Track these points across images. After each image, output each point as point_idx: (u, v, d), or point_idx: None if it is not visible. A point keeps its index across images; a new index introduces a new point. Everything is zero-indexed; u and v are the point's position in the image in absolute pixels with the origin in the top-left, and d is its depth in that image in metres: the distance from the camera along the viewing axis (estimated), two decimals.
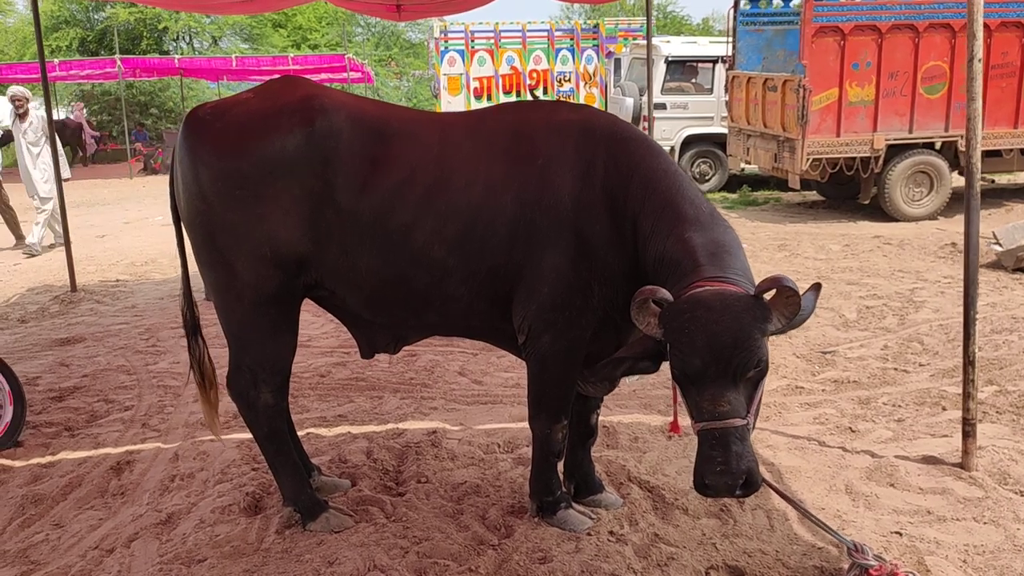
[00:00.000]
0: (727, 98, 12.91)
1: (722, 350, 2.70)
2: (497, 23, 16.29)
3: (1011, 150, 11.47)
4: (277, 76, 3.76)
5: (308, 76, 24.99)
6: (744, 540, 3.64)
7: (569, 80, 16.40)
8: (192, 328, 3.85)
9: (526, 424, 4.77)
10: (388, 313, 3.58)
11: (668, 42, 14.49)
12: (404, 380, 5.64)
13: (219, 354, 3.90)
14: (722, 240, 3.10)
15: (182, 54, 30.09)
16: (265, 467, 4.30)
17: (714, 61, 14.01)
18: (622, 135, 3.43)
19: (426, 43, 37.91)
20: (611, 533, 3.69)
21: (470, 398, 5.30)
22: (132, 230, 13.13)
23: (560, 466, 3.85)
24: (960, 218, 11.20)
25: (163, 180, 19.96)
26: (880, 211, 11.40)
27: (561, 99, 16.48)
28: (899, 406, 4.94)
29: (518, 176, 3.34)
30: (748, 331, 2.71)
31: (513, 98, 16.41)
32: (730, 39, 12.65)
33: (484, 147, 3.42)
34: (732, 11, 12.49)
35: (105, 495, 4.16)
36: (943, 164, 11.24)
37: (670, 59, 13.83)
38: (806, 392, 5.29)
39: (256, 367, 3.56)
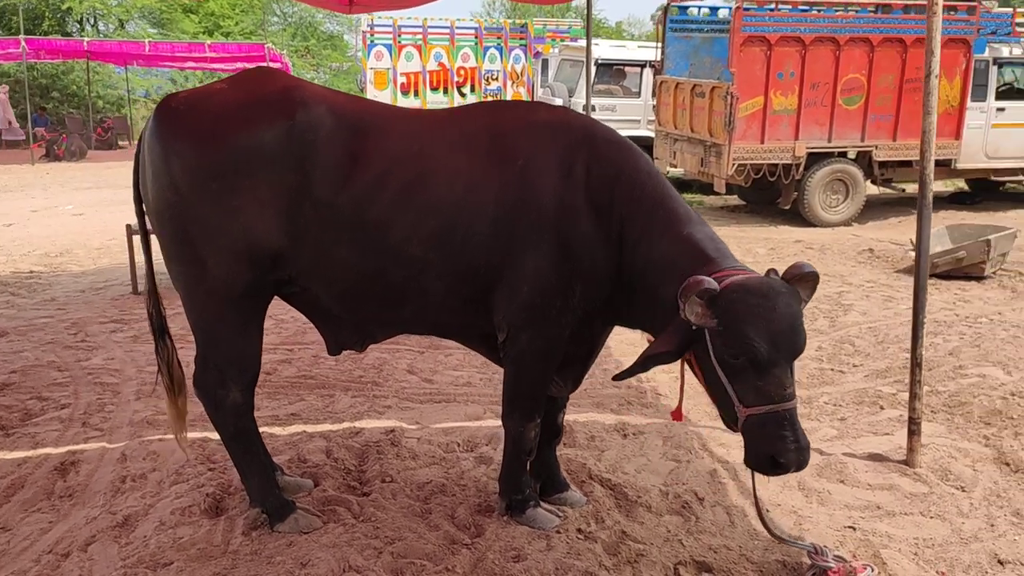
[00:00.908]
0: (655, 102, 13.15)
1: (787, 334, 2.91)
2: (425, 19, 16.20)
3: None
4: (253, 67, 3.66)
5: (225, 65, 24.57)
6: (708, 536, 3.73)
7: (496, 79, 16.44)
8: (159, 328, 3.73)
9: (482, 422, 4.86)
10: (361, 309, 3.55)
11: (597, 45, 14.64)
12: (354, 378, 5.57)
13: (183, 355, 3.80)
14: (716, 235, 3.31)
15: (86, 36, 28.96)
16: (222, 467, 4.23)
17: (642, 65, 14.25)
18: (603, 137, 3.48)
19: (342, 35, 37.70)
20: (579, 531, 3.73)
21: (423, 396, 5.27)
22: (41, 219, 12.58)
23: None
24: (872, 224, 11.80)
25: (67, 168, 19.26)
26: (799, 216, 11.79)
27: (489, 98, 16.51)
28: (840, 405, 5.13)
29: (499, 176, 3.35)
30: (800, 315, 2.97)
31: (440, 95, 16.38)
32: (659, 44, 12.88)
33: (464, 145, 3.41)
34: (662, 17, 12.72)
35: (52, 497, 3.99)
36: (859, 172, 11.71)
37: (599, 62, 14.00)
38: None
39: (225, 365, 3.48)
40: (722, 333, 2.95)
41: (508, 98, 16.28)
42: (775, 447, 2.97)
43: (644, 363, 3.16)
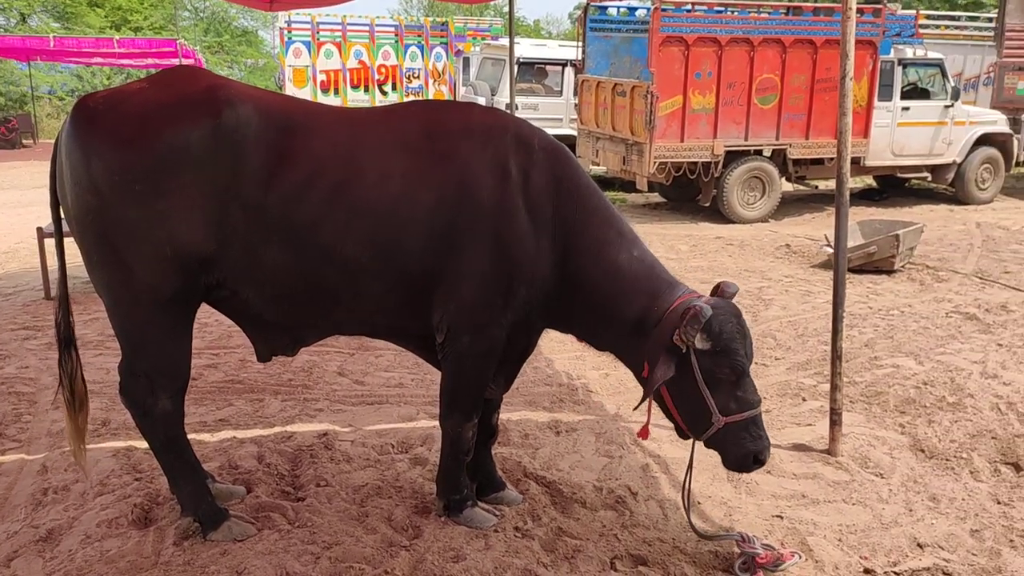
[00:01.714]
0: (576, 101, 13.27)
1: (751, 345, 3.43)
2: (345, 16, 16.01)
3: (832, 158, 12.40)
4: (175, 66, 3.57)
5: (134, 61, 23.82)
6: (642, 530, 3.80)
7: (418, 77, 16.37)
8: (67, 339, 3.59)
9: (416, 424, 4.85)
10: (293, 313, 3.49)
11: (519, 44, 14.69)
12: (283, 382, 5.49)
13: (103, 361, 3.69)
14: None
15: None
16: (148, 476, 4.13)
17: (564, 64, 14.37)
18: (541, 142, 3.51)
19: (256, 31, 36.97)
20: (516, 529, 3.76)
21: (355, 399, 5.23)
22: None
23: None
24: (788, 220, 12.15)
25: None
26: (718, 213, 12.05)
27: (411, 96, 16.42)
28: (764, 398, 5.24)
29: (435, 176, 3.34)
30: None
31: (362, 93, 16.22)
32: (580, 44, 13.00)
33: (398, 145, 3.39)
34: (582, 17, 12.84)
35: None
36: (774, 170, 12.03)
37: (521, 60, 14.05)
38: None
39: (153, 373, 3.38)
40: (713, 353, 3.28)
41: (430, 96, 16.22)
42: (757, 446, 3.38)
43: (653, 389, 3.37)
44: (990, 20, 17.58)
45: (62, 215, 3.45)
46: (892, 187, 14.19)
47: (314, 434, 4.63)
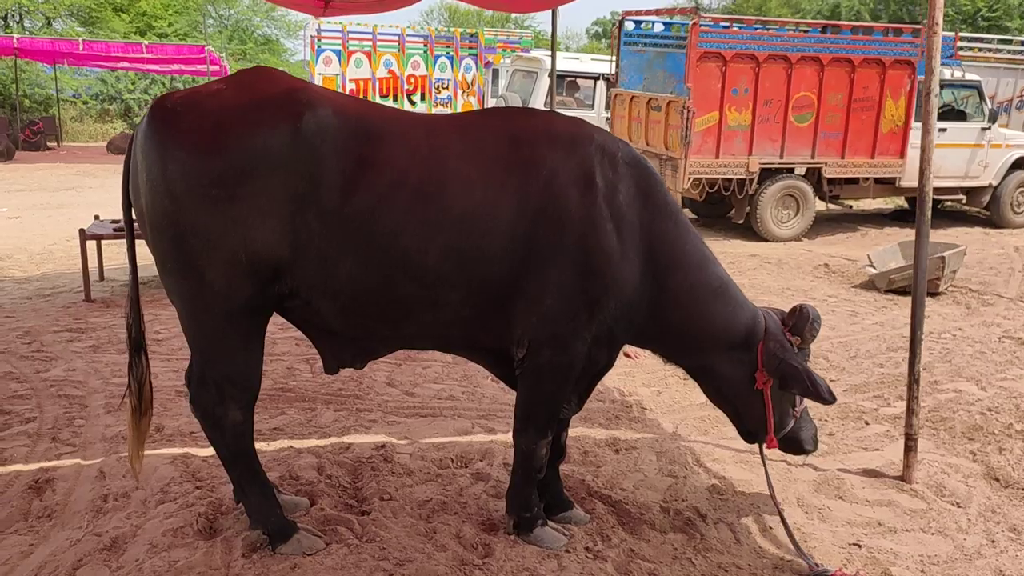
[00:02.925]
0: (608, 115, 13.21)
1: None
2: (376, 25, 16.01)
3: (867, 178, 12.30)
4: (250, 67, 3.50)
5: (160, 67, 23.91)
6: (716, 555, 3.70)
7: (447, 87, 16.34)
8: (137, 344, 3.51)
9: (472, 438, 4.77)
10: (366, 324, 3.40)
11: (549, 56, 14.65)
12: (334, 391, 5.41)
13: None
14: None
15: (9, 32, 27.94)
16: (208, 484, 4.06)
17: (596, 78, 14.32)
18: (627, 156, 3.45)
19: (279, 40, 37.07)
20: (587, 550, 3.67)
21: (407, 410, 5.15)
22: None
23: None
24: (822, 239, 12.04)
25: None
26: (750, 231, 11.95)
27: (440, 107, 16.40)
28: (825, 420, 5.17)
29: (520, 185, 3.27)
30: None
31: (390, 102, 16.18)
32: (613, 57, 12.95)
33: (480, 151, 3.31)
34: (616, 31, 12.80)
35: (29, 517, 3.76)
36: (808, 188, 11.93)
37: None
38: None
39: (224, 382, 3.30)
40: (802, 350, 3.76)
41: (459, 107, 16.20)
42: (814, 427, 4.00)
43: (805, 387, 3.63)
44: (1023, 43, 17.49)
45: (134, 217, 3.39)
46: None
47: (371, 446, 4.55)
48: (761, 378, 3.68)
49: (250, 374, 3.35)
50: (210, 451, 4.40)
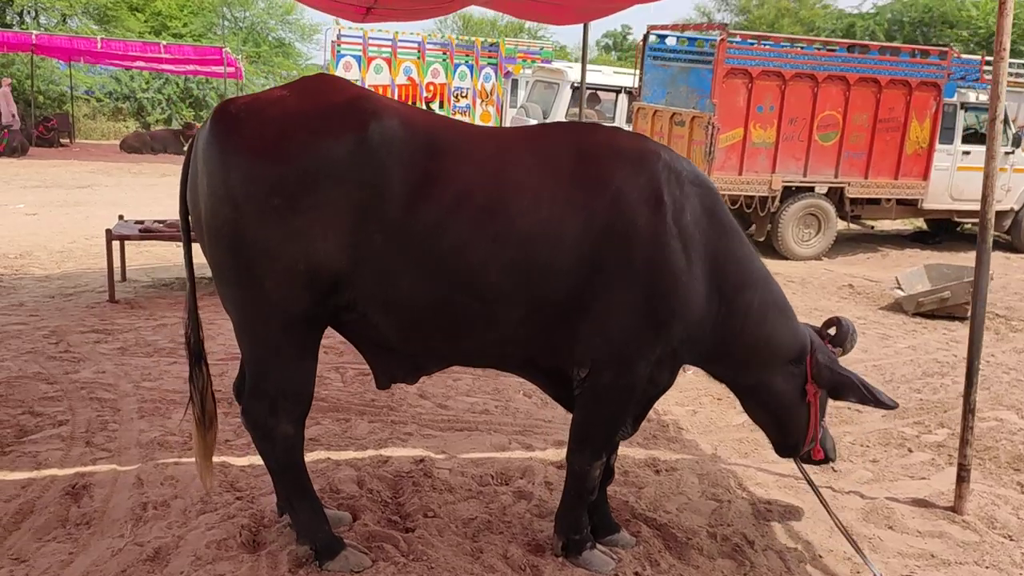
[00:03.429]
0: (630, 128, 13.15)
1: None
2: (396, 32, 15.96)
3: (890, 199, 12.23)
4: (313, 74, 3.44)
5: (176, 67, 23.89)
6: None
7: (466, 96, 16.30)
8: (197, 354, 3.45)
9: (511, 454, 4.69)
10: (422, 340, 3.33)
11: (570, 68, 14.64)
12: (366, 402, 5.34)
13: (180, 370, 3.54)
14: None
15: (25, 28, 27.97)
16: (249, 495, 3.99)
17: (617, 91, 14.27)
18: (691, 174, 3.39)
19: (293, 43, 37.10)
20: (636, 574, 3.59)
21: (442, 424, 5.07)
22: None
23: None
24: (842, 259, 11.95)
25: (9, 164, 18.40)
26: (771, 248, 11.88)
27: (458, 115, 16.35)
28: (867, 446, 5.09)
29: (587, 201, 3.20)
30: None
31: None
32: (637, 71, 12.91)
33: (546, 166, 3.24)
34: (641, 45, 12.76)
35: (67, 525, 3.69)
36: (831, 208, 11.86)
37: (575, 85, 13.97)
38: None
39: (277, 394, 3.23)
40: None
41: (477, 116, 16.17)
42: (834, 442, 4.16)
43: (864, 398, 3.76)
44: None
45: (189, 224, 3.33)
46: (944, 231, 13.98)
47: (410, 460, 4.47)
48: (811, 390, 3.73)
49: (304, 387, 3.28)
50: (247, 460, 4.36)
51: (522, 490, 4.24)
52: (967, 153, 12.52)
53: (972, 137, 12.78)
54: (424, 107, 16.22)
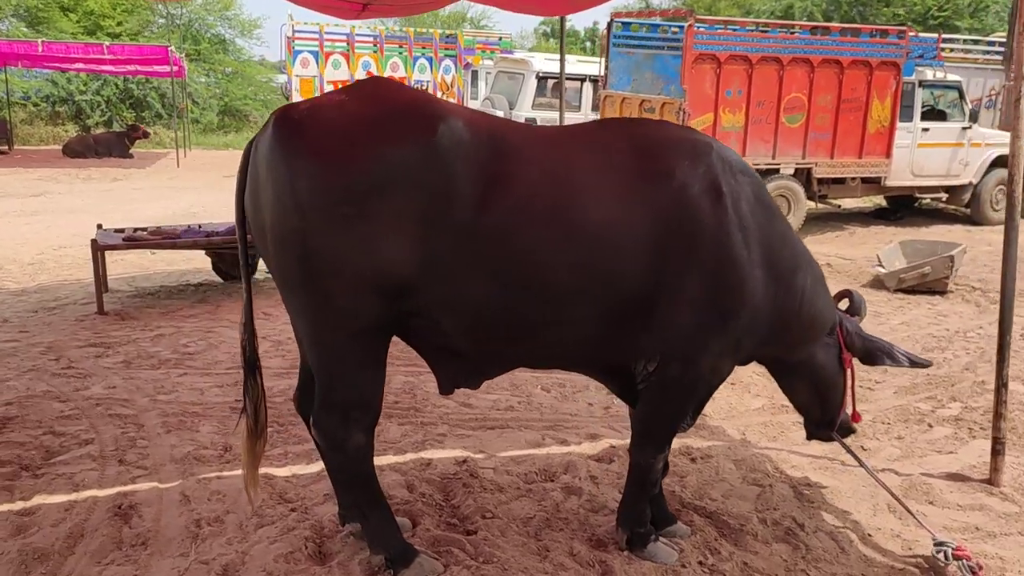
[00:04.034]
0: (598, 116, 13.20)
1: None
2: (353, 27, 15.73)
3: (855, 178, 12.49)
4: (367, 77, 3.38)
5: (117, 68, 23.27)
6: (826, 565, 3.69)
7: (426, 89, 16.15)
8: (251, 364, 3.38)
9: (548, 450, 4.70)
10: (490, 343, 3.30)
11: (533, 58, 14.63)
12: (390, 404, 5.27)
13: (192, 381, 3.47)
14: None
15: None
16: (302, 506, 3.94)
17: (582, 79, 14.30)
18: (738, 162, 3.45)
19: (234, 40, 36.36)
20: (701, 564, 3.63)
21: (472, 423, 5.05)
22: None
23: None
24: (812, 239, 12.15)
25: None
26: None
27: None
28: (887, 423, 5.21)
29: (651, 196, 3.22)
30: None
31: None
32: (602, 59, 12.95)
33: (607, 163, 3.24)
34: (606, 32, 12.80)
35: (123, 546, 3.59)
36: (800, 188, 12.07)
37: (540, 75, 13.99)
38: (790, 411, 5.39)
39: (348, 405, 3.18)
40: None
41: None
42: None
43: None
44: (991, 44, 17.94)
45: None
46: (903, 207, 14.32)
47: (452, 461, 4.45)
48: (847, 358, 3.91)
49: (375, 396, 3.24)
50: (289, 471, 4.31)
51: (569, 486, 4.25)
52: (926, 130, 12.84)
53: (930, 114, 13.10)
54: None
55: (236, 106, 31.69)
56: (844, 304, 4.08)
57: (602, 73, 12.98)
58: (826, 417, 4.03)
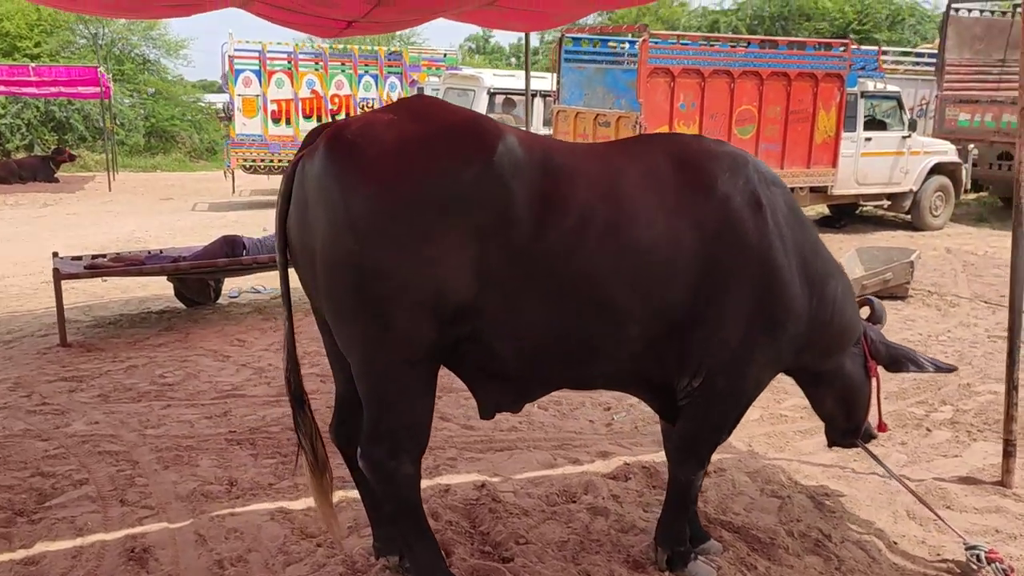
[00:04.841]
0: (551, 131, 13.21)
1: None
2: (297, 44, 15.49)
3: (803, 188, 12.74)
4: (412, 95, 3.28)
5: (40, 90, 22.50)
6: None
7: (372, 107, 15.97)
8: (299, 398, 3.24)
9: (563, 470, 4.65)
10: (544, 363, 3.22)
11: (480, 74, 14.59)
12: None
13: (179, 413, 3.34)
14: None
15: None
16: (327, 541, 3.79)
17: (533, 95, 14.28)
18: (770, 173, 3.47)
19: (159, 60, 35.50)
20: None
21: (479, 445, 4.95)
22: None
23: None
24: None
25: None
26: None
27: None
28: (889, 429, 5.25)
29: (696, 210, 3.19)
30: None
31: (314, 123, 15.72)
32: (555, 74, 12.99)
33: (652, 179, 3.21)
34: (557, 48, 12.85)
35: None
36: None
37: (491, 91, 13.95)
38: (790, 420, 5.49)
39: (399, 433, 3.07)
40: None
41: None
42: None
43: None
44: (920, 55, 18.60)
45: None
46: (846, 215, 14.66)
47: (471, 486, 4.35)
48: (872, 366, 3.94)
49: (426, 424, 3.13)
50: (303, 503, 4.14)
51: (594, 506, 4.19)
52: (869, 140, 13.19)
53: (872, 124, 13.47)
54: (330, 120, 15.85)
55: (163, 127, 30.95)
56: (865, 312, 4.09)
57: (554, 88, 13.01)
58: (851, 426, 4.06)
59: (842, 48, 12.44)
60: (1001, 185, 15.51)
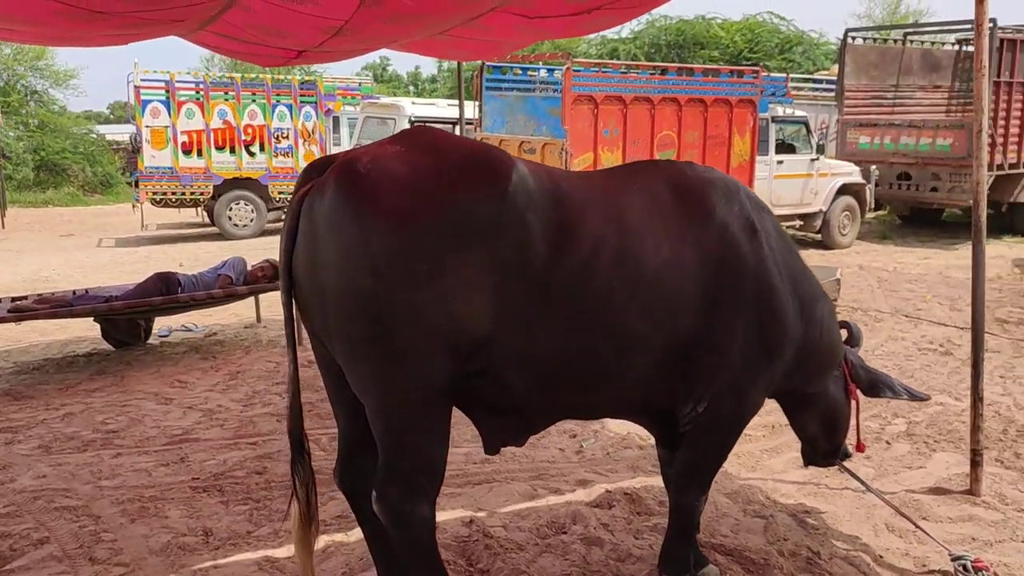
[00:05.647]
0: None
1: None
2: (208, 74, 15.05)
3: None
4: (414, 126, 3.19)
5: None
6: None
7: (287, 137, 15.67)
8: (299, 443, 3.10)
9: (545, 502, 4.61)
10: (555, 395, 3.17)
11: (400, 103, 14.51)
12: None
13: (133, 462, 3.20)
14: None
15: None
16: None
17: (454, 123, 14.28)
18: (759, 200, 3.59)
19: (47, 91, 34.10)
20: None
21: (458, 479, 4.85)
22: None
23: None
24: None
25: None
26: None
27: (280, 156, 15.74)
28: (849, 443, 5.39)
29: (698, 236, 3.23)
30: None
31: (227, 154, 15.32)
32: (477, 102, 13.03)
33: (653, 206, 3.23)
34: (478, 75, 12.90)
35: None
36: None
37: (413, 119, 13.88)
38: (754, 439, 5.57)
39: (416, 474, 2.97)
40: None
41: (300, 156, 15.58)
42: None
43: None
44: (818, 83, 19.42)
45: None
46: None
47: (458, 522, 4.26)
48: (852, 389, 4.06)
49: (441, 463, 3.04)
50: (285, 551, 3.97)
51: (586, 536, 4.15)
52: (781, 162, 13.67)
53: (782, 147, 13.96)
54: (245, 151, 15.50)
55: (53, 160, 29.63)
56: (843, 335, 4.19)
57: (476, 116, 13.05)
58: (832, 447, 4.16)
59: (753, 75, 12.86)
60: (899, 204, 16.31)
